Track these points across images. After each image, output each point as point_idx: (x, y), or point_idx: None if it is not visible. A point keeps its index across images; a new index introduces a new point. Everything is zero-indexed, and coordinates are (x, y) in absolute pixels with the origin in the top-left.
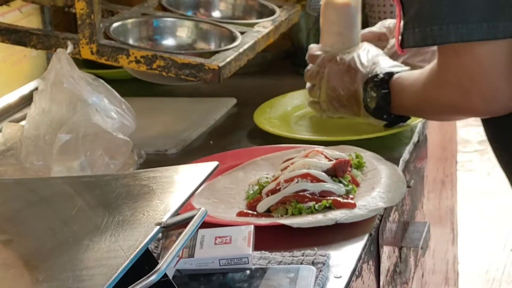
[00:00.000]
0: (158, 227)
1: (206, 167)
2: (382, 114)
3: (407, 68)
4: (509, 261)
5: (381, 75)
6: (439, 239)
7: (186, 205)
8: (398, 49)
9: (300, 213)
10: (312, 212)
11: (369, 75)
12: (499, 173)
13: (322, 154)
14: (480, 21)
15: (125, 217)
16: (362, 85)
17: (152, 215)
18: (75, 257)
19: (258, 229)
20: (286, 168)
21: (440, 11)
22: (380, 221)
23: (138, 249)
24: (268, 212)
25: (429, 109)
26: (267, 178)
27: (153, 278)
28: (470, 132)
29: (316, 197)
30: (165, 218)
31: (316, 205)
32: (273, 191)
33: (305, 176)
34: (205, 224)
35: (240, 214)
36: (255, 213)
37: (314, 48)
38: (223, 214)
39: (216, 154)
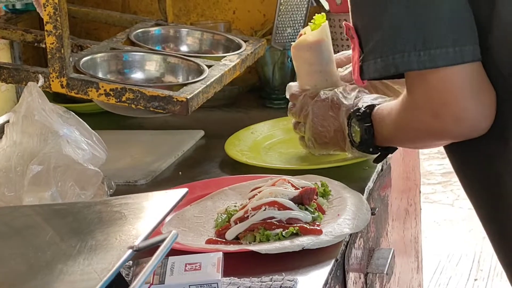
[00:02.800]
0: (130, 250)
1: (176, 193)
2: (368, 148)
3: (389, 98)
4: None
5: (363, 109)
6: (404, 266)
7: (155, 233)
8: (358, 81)
9: (268, 239)
10: (279, 239)
11: (352, 110)
12: (463, 204)
13: (289, 182)
14: (445, 46)
15: (98, 242)
16: (346, 120)
17: (125, 240)
18: (50, 280)
19: (227, 256)
20: (253, 196)
21: (401, 40)
22: (346, 247)
23: (111, 271)
24: (237, 240)
25: (404, 136)
26: (235, 206)
27: None
28: (434, 165)
29: (283, 224)
30: (137, 242)
31: (284, 232)
32: (242, 219)
33: (272, 204)
34: (175, 252)
35: (209, 241)
36: (224, 240)
37: (294, 87)
38: (192, 242)
39: (185, 184)
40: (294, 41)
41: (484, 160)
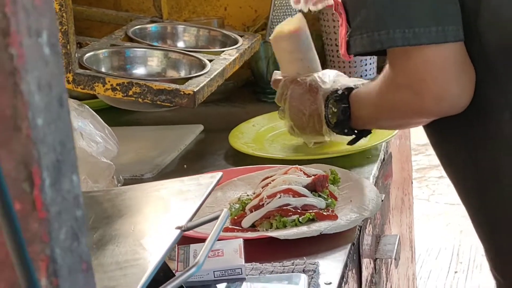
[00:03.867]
0: (179, 230)
1: (212, 176)
2: (343, 129)
3: (367, 81)
4: (454, 283)
5: (341, 91)
6: (402, 255)
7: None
8: (345, 56)
9: (284, 226)
10: (296, 225)
11: (330, 92)
12: (439, 199)
13: (301, 170)
14: (428, 25)
15: (142, 225)
16: (324, 102)
17: (170, 220)
18: (104, 260)
19: (246, 243)
20: (267, 185)
21: (388, 17)
22: (360, 232)
23: (166, 249)
24: (253, 227)
25: (385, 115)
26: (247, 196)
27: (193, 270)
28: None
29: (299, 211)
30: (183, 222)
31: (300, 218)
32: (257, 207)
33: (287, 191)
34: (195, 240)
35: (226, 229)
36: (240, 228)
37: (277, 74)
38: (209, 231)
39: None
40: None
41: (466, 141)
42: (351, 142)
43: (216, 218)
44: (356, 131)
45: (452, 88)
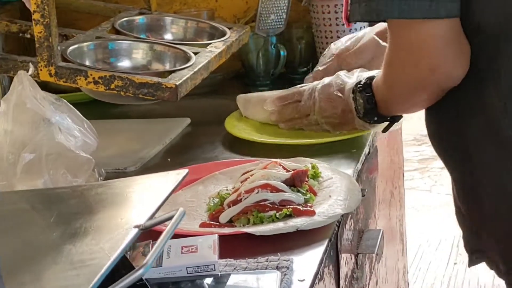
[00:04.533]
0: (137, 229)
1: (178, 174)
2: (373, 117)
3: None
4: (453, 274)
5: (363, 80)
6: (390, 249)
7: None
8: (345, 22)
9: (261, 222)
10: (273, 221)
11: (354, 84)
12: (441, 190)
13: (280, 165)
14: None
15: (103, 222)
16: (351, 95)
17: (130, 219)
18: (59, 260)
19: (222, 238)
20: (246, 179)
21: None
22: (338, 227)
23: (120, 249)
24: (231, 223)
25: (393, 93)
26: (227, 190)
27: (141, 271)
28: (410, 152)
29: (276, 206)
30: (142, 221)
31: (277, 214)
32: (235, 202)
33: (265, 186)
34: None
35: (203, 225)
36: (217, 223)
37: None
38: (186, 226)
39: (175, 170)
40: (278, 28)
41: (461, 120)
42: (385, 130)
43: (172, 217)
44: (387, 117)
45: (445, 59)
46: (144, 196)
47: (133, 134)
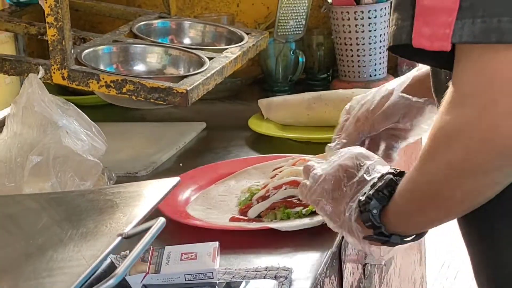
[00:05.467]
0: (119, 237)
1: (168, 182)
2: (372, 209)
3: None
4: (473, 284)
5: (402, 170)
6: (405, 259)
7: (181, 215)
8: (427, 42)
9: (288, 217)
10: (300, 217)
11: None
12: None
13: None
14: None
15: (89, 229)
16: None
17: (115, 227)
18: (39, 266)
19: (249, 232)
20: (275, 176)
21: None
22: (342, 237)
23: (99, 258)
24: (259, 217)
25: (425, 176)
26: (257, 185)
27: (111, 282)
28: None
29: (303, 202)
30: (127, 229)
31: (304, 210)
32: (263, 198)
33: (292, 183)
34: (202, 230)
35: (233, 219)
36: (246, 218)
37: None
38: (217, 220)
39: (209, 164)
40: (297, 34)
41: None
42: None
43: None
44: (382, 226)
45: None
46: (133, 204)
47: (147, 138)
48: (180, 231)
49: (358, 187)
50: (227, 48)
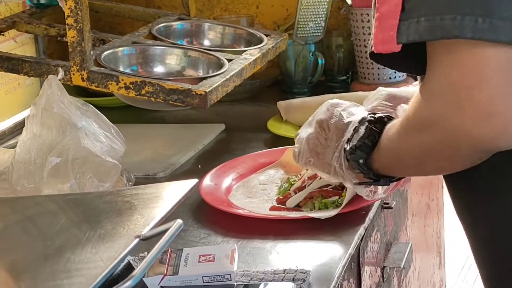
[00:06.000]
0: (137, 239)
1: (186, 184)
2: (359, 159)
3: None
4: None
5: (380, 114)
6: (425, 262)
7: (223, 203)
8: (380, 46)
9: (326, 207)
10: (337, 206)
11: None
12: None
13: None
14: (509, 18)
15: (107, 231)
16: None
17: (132, 229)
18: (57, 268)
19: (289, 221)
20: None
21: None
22: (361, 240)
23: (117, 260)
24: (298, 207)
25: (407, 147)
26: (296, 176)
27: (128, 284)
28: None
29: (339, 191)
30: (144, 231)
31: (339, 199)
32: (300, 188)
33: None
34: (243, 218)
35: (273, 208)
36: (285, 207)
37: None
38: (257, 209)
39: (250, 154)
40: (316, 35)
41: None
42: (359, 183)
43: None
44: (371, 172)
45: (506, 103)
46: (151, 206)
47: (166, 139)
48: (224, 219)
49: (339, 135)
50: (246, 50)
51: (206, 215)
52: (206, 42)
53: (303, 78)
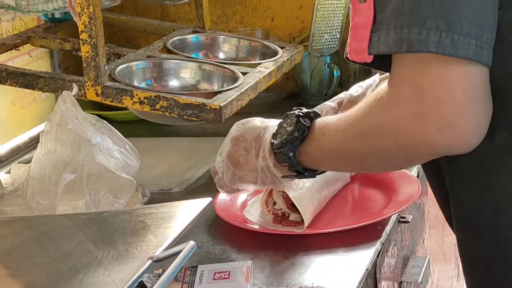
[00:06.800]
0: (150, 261)
1: (200, 203)
2: (288, 152)
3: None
4: None
5: (307, 110)
6: (443, 274)
7: (238, 219)
8: (354, 55)
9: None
10: None
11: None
12: None
13: None
14: (469, 34)
15: (120, 251)
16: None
17: (145, 250)
18: None
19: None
20: None
21: (424, 12)
22: (378, 255)
23: (129, 282)
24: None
25: (361, 146)
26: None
27: None
28: None
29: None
30: (157, 252)
31: None
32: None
33: None
34: (255, 234)
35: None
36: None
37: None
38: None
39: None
40: (331, 47)
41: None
42: (285, 176)
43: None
44: (299, 165)
45: (468, 115)
46: (164, 225)
47: (181, 153)
48: (239, 234)
49: (258, 139)
50: (261, 63)
51: (221, 231)
52: (221, 55)
53: (319, 90)
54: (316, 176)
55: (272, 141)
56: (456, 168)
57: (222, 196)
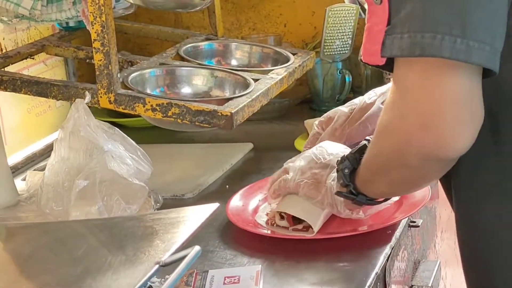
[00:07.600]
0: (157, 265)
1: (207, 208)
2: (348, 184)
3: None
4: None
5: (364, 141)
6: (456, 278)
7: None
8: (367, 57)
9: None
10: None
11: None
12: None
13: None
14: (483, 41)
15: (128, 256)
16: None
17: (153, 255)
18: None
19: (313, 241)
20: None
21: (438, 16)
22: (387, 260)
23: (136, 287)
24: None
25: (377, 163)
26: None
27: None
28: None
29: None
30: (164, 257)
31: None
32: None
33: None
34: (266, 239)
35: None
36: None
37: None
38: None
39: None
40: (343, 53)
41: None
42: (338, 193)
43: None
44: (351, 183)
45: (464, 123)
46: (172, 231)
47: (193, 159)
48: (251, 240)
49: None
50: (272, 69)
51: (232, 235)
52: (234, 62)
53: (331, 96)
54: (365, 204)
55: (338, 159)
56: (458, 169)
57: (235, 202)
